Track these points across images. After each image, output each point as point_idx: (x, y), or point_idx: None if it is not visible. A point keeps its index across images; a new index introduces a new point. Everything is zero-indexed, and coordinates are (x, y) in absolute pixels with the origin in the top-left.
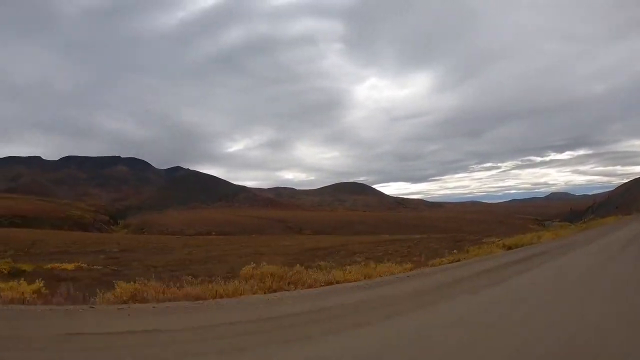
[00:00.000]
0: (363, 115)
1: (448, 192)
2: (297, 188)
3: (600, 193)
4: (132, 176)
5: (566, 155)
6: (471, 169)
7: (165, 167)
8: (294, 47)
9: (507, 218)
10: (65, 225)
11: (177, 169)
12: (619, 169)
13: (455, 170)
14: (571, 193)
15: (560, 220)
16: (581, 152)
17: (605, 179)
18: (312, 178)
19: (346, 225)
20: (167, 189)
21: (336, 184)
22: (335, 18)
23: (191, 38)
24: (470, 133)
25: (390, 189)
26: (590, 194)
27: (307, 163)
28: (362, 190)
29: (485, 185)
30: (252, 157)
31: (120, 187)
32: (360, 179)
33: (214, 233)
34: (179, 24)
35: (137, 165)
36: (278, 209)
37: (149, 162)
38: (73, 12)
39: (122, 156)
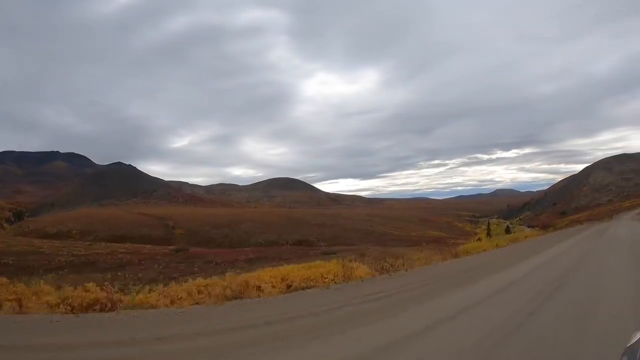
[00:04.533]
0: (312, 110)
1: (396, 188)
2: (241, 184)
3: (543, 190)
4: (70, 172)
5: (512, 153)
6: (420, 166)
7: (107, 163)
8: (240, 37)
9: (437, 216)
10: None
11: (118, 164)
12: (562, 166)
13: (404, 167)
14: (516, 190)
15: (498, 216)
16: (527, 150)
17: (550, 176)
18: (261, 174)
19: (231, 224)
20: (87, 185)
21: (269, 180)
22: (282, 8)
23: (134, 25)
24: (419, 130)
25: (340, 185)
26: (534, 190)
27: (256, 159)
28: (295, 186)
29: (434, 182)
30: (198, 153)
31: (56, 184)
32: (310, 175)
33: (74, 232)
34: (120, 9)
35: (76, 161)
36: (194, 206)
37: (90, 158)
38: None
39: (61, 151)
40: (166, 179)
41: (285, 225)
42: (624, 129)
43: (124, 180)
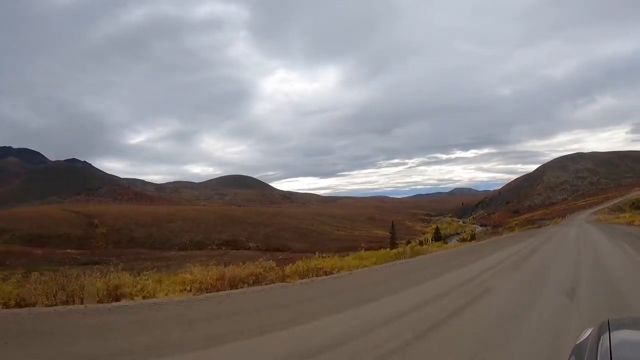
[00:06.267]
0: (271, 108)
1: (356, 187)
2: (197, 182)
3: (500, 189)
4: (23, 169)
5: (471, 153)
6: (379, 165)
7: (62, 159)
8: (199, 32)
9: (389, 214)
10: None
11: (72, 161)
12: (519, 167)
13: (364, 166)
14: (474, 189)
15: (452, 215)
16: (485, 150)
17: (507, 176)
18: (219, 172)
19: (160, 223)
20: (32, 182)
21: (221, 178)
22: (242, 3)
23: (90, 17)
24: (379, 129)
25: (299, 183)
26: (491, 190)
27: (215, 157)
28: (248, 184)
29: (393, 181)
30: (156, 150)
31: (8, 181)
32: (269, 174)
33: None
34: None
35: (30, 157)
36: (138, 203)
37: (44, 154)
38: None
39: (13, 147)
40: (122, 176)
41: (218, 224)
42: (580, 131)
43: (71, 178)
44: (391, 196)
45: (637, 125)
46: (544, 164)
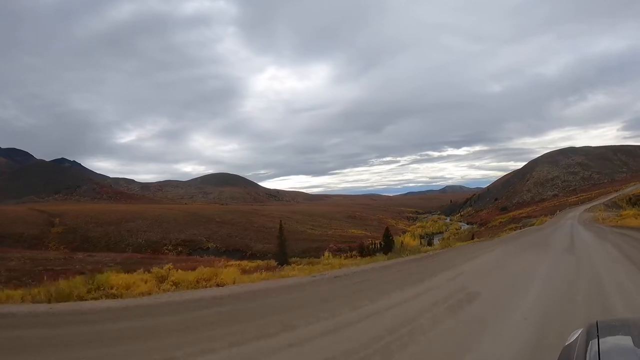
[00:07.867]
0: (262, 106)
1: (348, 185)
2: (186, 180)
3: (488, 186)
4: (9, 169)
5: (463, 150)
6: (371, 163)
7: (50, 159)
8: (187, 28)
9: (373, 212)
10: None
11: (62, 160)
12: (512, 164)
13: (356, 164)
14: (466, 186)
15: (440, 212)
16: (477, 148)
17: (499, 173)
18: (211, 171)
19: (120, 221)
20: (14, 180)
21: (206, 176)
22: None
23: (76, 14)
24: (370, 127)
25: (291, 182)
26: (483, 187)
27: (206, 155)
28: (234, 182)
29: (385, 179)
30: (146, 149)
31: None
32: (261, 172)
33: None
34: None
35: (17, 156)
36: (117, 202)
37: (32, 154)
38: None
39: (1, 147)
40: (112, 175)
41: (181, 222)
42: (571, 128)
43: (55, 177)
44: (383, 194)
45: (628, 122)
46: (534, 159)
